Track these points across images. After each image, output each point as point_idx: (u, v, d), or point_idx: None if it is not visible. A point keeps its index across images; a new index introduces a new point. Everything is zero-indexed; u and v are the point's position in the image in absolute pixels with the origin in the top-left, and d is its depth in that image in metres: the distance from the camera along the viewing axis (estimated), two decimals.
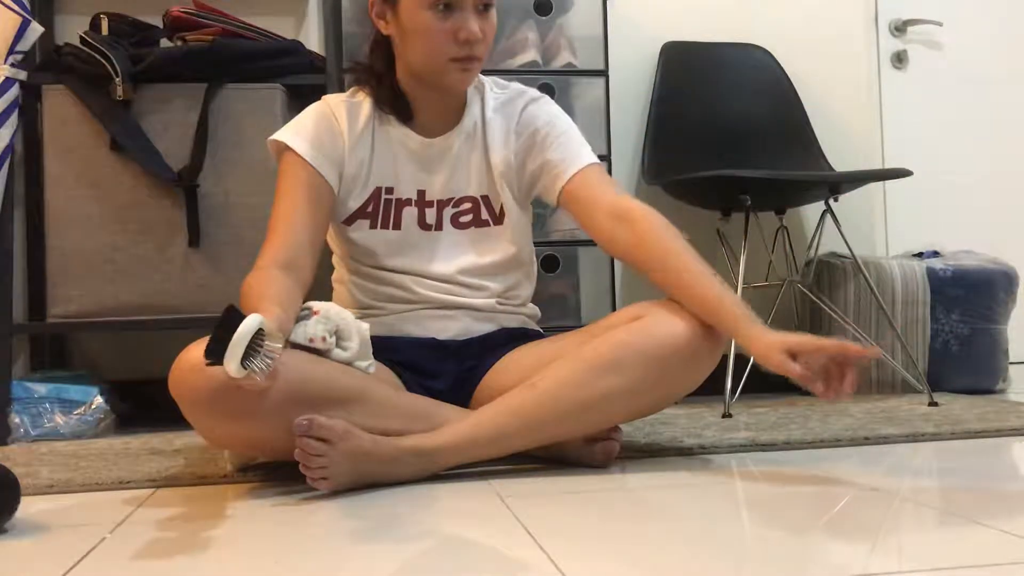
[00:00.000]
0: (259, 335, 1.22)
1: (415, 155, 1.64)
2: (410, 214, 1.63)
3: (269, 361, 1.23)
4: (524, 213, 1.71)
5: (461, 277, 1.64)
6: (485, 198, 1.66)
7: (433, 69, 1.56)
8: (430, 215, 1.64)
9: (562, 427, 1.47)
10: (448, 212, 1.65)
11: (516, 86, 1.71)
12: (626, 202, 1.56)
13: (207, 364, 1.22)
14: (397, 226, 1.63)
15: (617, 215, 1.54)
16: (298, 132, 1.60)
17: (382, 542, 1.11)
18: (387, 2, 1.57)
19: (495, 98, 1.68)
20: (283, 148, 1.59)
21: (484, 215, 1.66)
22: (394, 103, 1.63)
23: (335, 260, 1.74)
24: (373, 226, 1.63)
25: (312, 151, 1.58)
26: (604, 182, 1.60)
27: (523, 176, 1.66)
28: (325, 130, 1.60)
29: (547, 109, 1.68)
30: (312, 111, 1.64)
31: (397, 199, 1.63)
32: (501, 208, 1.66)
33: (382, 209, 1.63)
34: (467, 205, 1.65)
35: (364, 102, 1.64)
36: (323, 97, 1.67)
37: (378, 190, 1.63)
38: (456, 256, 1.65)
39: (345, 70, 2.26)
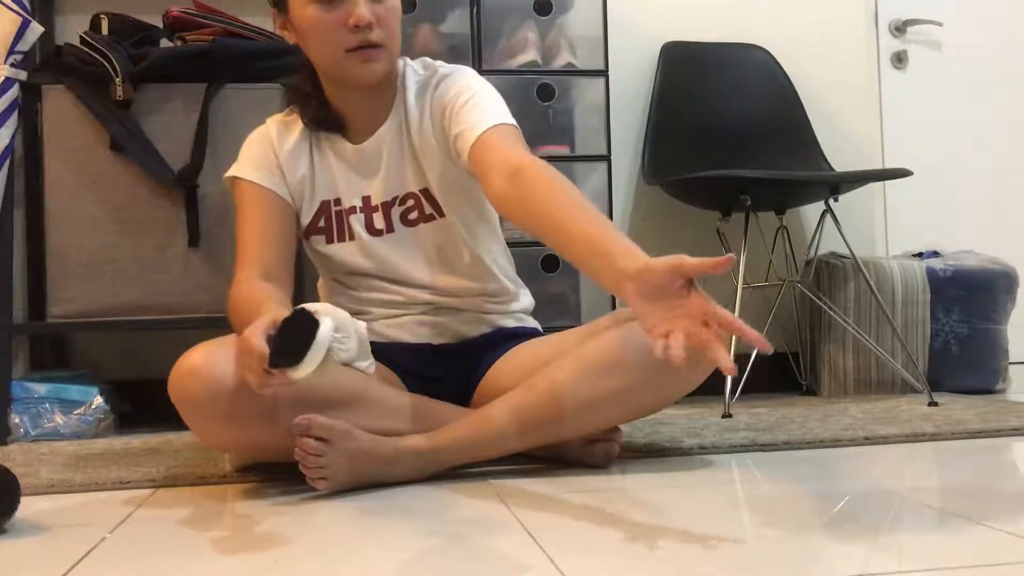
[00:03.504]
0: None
1: (351, 163, 1.61)
2: (358, 221, 1.61)
3: (343, 355, 1.24)
4: (471, 202, 1.62)
5: (433, 281, 1.62)
6: (424, 191, 1.60)
7: (334, 65, 1.52)
8: (377, 219, 1.60)
9: (561, 428, 1.46)
10: (395, 212, 1.61)
11: (434, 65, 1.62)
12: (519, 157, 1.39)
13: (273, 368, 1.20)
14: (351, 236, 1.61)
15: (509, 173, 1.38)
16: (242, 161, 1.62)
17: (382, 542, 1.11)
18: (281, 10, 1.56)
19: (416, 82, 1.60)
20: (234, 181, 1.61)
21: (428, 209, 1.61)
22: (322, 118, 1.61)
23: (319, 270, 1.75)
24: (329, 240, 1.63)
25: (258, 172, 1.59)
26: (505, 142, 1.44)
27: (449, 158, 1.56)
28: (261, 150, 1.61)
29: (457, 81, 1.56)
30: (251, 137, 1.65)
31: (344, 209, 1.62)
32: (440, 200, 1.60)
33: (334, 222, 1.62)
34: (411, 202, 1.61)
35: (297, 120, 1.64)
36: (267, 120, 1.68)
37: (325, 203, 1.62)
38: (417, 257, 1.61)
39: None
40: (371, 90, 1.56)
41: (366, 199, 1.61)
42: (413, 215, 1.61)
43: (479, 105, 1.51)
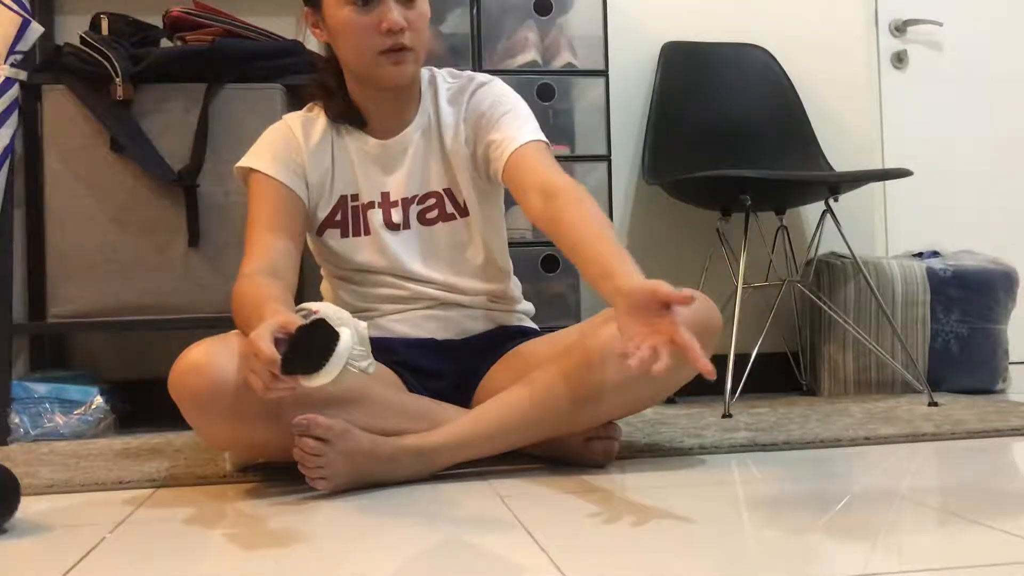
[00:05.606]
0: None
1: (374, 158, 1.64)
2: (375, 216, 1.63)
3: (357, 369, 1.25)
4: (491, 206, 1.69)
5: (443, 278, 1.64)
6: (448, 191, 1.65)
7: (365, 66, 1.56)
8: (396, 214, 1.63)
9: (559, 422, 1.47)
10: (414, 210, 1.64)
11: (467, 74, 1.70)
12: (556, 179, 1.50)
13: (286, 374, 1.21)
14: (367, 231, 1.63)
15: (546, 192, 1.49)
16: (259, 153, 1.62)
17: (382, 542, 1.11)
18: (315, 10, 1.59)
19: (447, 89, 1.67)
20: (248, 172, 1.61)
21: (450, 208, 1.65)
22: (346, 113, 1.63)
23: (322, 271, 1.75)
24: (344, 235, 1.64)
25: (275, 166, 1.59)
26: (540, 160, 1.55)
27: (476, 162, 1.64)
28: (284, 145, 1.62)
29: (494, 91, 1.65)
30: (269, 131, 1.66)
31: (362, 204, 1.64)
32: (465, 201, 1.66)
33: (350, 217, 1.64)
34: (432, 201, 1.65)
35: (319, 116, 1.66)
36: (283, 117, 1.68)
37: (343, 199, 1.64)
38: (430, 255, 1.64)
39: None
40: (396, 91, 1.61)
41: (385, 195, 1.64)
42: (432, 214, 1.64)
43: (518, 118, 1.61)
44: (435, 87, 1.67)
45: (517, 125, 1.60)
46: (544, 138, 1.60)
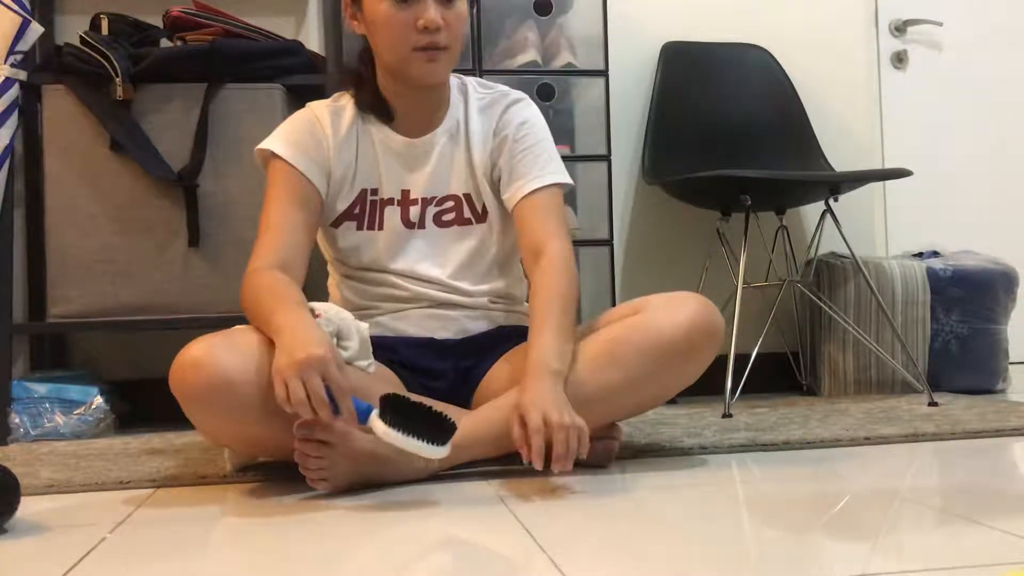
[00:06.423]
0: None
1: (398, 155, 1.64)
2: (392, 213, 1.64)
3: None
4: (505, 212, 1.70)
5: (448, 279, 1.64)
6: (467, 196, 1.66)
7: (399, 61, 1.56)
8: (413, 213, 1.64)
9: None
10: (431, 211, 1.65)
11: (500, 88, 1.71)
12: (547, 241, 1.56)
13: (371, 418, 1.29)
14: (380, 226, 1.64)
15: (535, 251, 1.56)
16: (283, 139, 1.61)
17: (382, 542, 1.11)
18: (354, 1, 1.60)
19: (479, 99, 1.68)
20: (269, 156, 1.60)
21: (467, 213, 1.66)
22: (375, 105, 1.64)
23: (329, 266, 1.75)
24: (360, 227, 1.64)
25: (298, 156, 1.59)
26: (545, 213, 1.59)
27: (494, 174, 1.66)
28: (309, 136, 1.61)
29: (526, 113, 1.67)
30: (296, 118, 1.65)
31: (381, 199, 1.64)
32: (484, 206, 1.66)
33: (368, 210, 1.64)
34: (450, 204, 1.65)
35: (347, 106, 1.65)
36: (307, 104, 1.68)
37: (363, 192, 1.64)
38: (440, 256, 1.64)
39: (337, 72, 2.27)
40: (426, 90, 1.61)
41: (405, 192, 1.64)
42: (449, 216, 1.65)
43: (543, 154, 1.64)
44: (466, 95, 1.68)
45: (541, 164, 1.62)
46: (562, 179, 1.63)
